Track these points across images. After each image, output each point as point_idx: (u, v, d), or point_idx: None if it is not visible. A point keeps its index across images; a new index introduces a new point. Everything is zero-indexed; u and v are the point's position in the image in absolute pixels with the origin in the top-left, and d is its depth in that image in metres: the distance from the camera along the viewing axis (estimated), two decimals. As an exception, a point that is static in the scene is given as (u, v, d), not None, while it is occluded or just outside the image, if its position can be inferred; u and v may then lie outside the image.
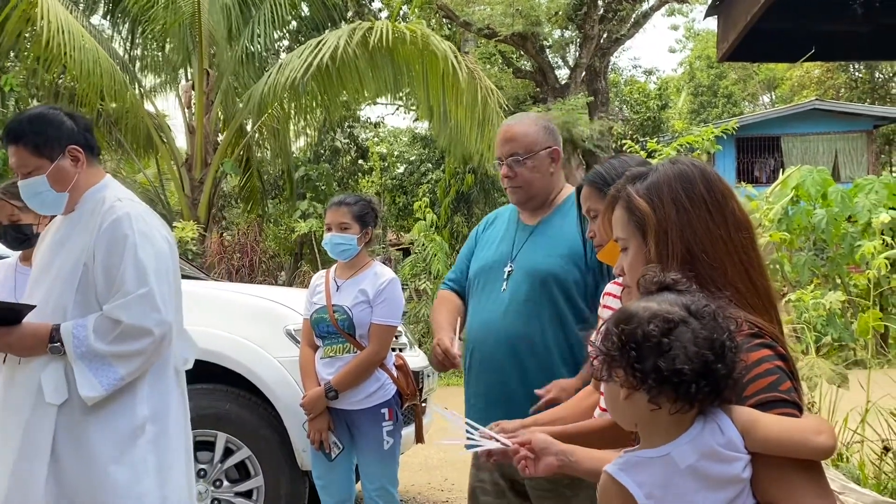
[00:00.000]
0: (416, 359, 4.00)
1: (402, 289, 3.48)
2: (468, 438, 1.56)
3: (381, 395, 3.09)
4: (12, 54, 10.99)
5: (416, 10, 13.90)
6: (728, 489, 1.13)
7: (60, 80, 10.54)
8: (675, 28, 24.59)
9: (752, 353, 1.20)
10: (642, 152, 8.23)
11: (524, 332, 2.24)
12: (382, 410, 3.07)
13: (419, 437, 3.44)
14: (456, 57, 8.75)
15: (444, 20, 13.56)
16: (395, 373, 3.16)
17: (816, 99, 19.77)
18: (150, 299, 2.16)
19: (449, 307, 2.48)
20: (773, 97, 28.98)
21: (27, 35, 8.62)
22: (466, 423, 1.56)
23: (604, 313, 1.91)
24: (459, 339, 2.38)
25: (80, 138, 2.30)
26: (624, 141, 8.68)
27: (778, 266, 6.03)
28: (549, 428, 1.58)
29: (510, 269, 2.33)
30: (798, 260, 6.26)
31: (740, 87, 27.44)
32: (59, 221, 2.35)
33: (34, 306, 2.17)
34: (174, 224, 10.15)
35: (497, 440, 1.47)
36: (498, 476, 2.26)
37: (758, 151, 18.70)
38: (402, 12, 15.80)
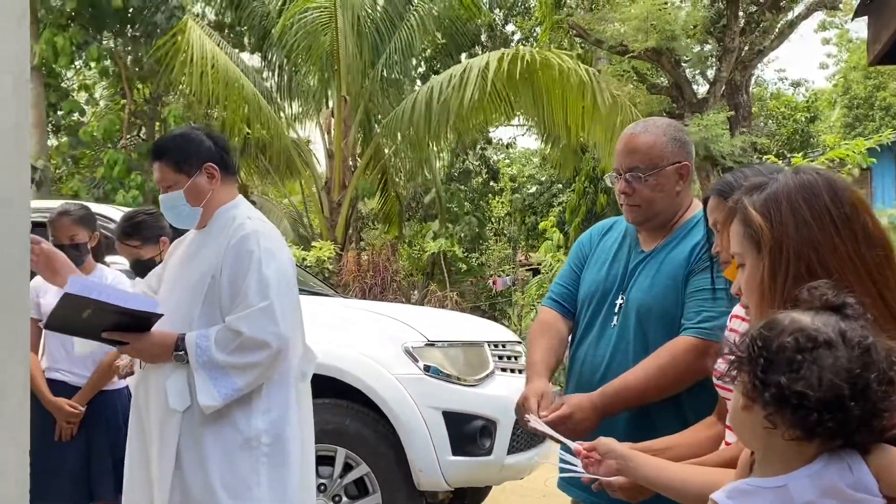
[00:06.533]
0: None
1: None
2: (561, 461, 1.54)
3: None
4: (172, 93, 11.93)
5: (548, 31, 13.87)
6: None
7: (214, 112, 11.35)
8: (827, 42, 22.91)
9: None
10: (787, 169, 7.73)
11: None
12: None
13: None
14: (598, 82, 8.82)
15: (575, 39, 13.43)
16: None
17: None
18: (269, 313, 2.21)
19: (549, 339, 2.20)
20: (943, 107, 26.42)
21: (186, 72, 9.39)
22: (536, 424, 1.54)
23: (729, 336, 1.77)
24: (556, 386, 2.12)
25: (217, 157, 2.43)
26: (767, 156, 8.21)
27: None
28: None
29: (622, 301, 2.09)
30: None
31: (902, 97, 25.22)
32: (191, 236, 2.48)
33: (162, 315, 2.28)
34: (313, 244, 10.61)
35: (563, 441, 1.50)
36: None
37: (924, 167, 17.09)
38: (533, 33, 15.84)
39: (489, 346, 3.86)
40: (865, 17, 3.48)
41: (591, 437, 1.62)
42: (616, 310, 2.10)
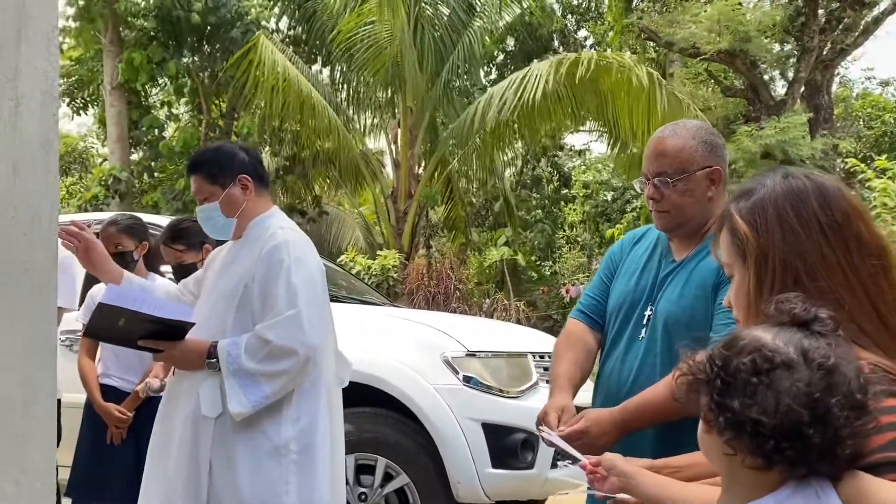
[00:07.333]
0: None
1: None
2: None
3: None
4: (247, 108, 12.33)
5: (618, 35, 13.66)
6: None
7: (286, 126, 11.65)
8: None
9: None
10: (871, 172, 7.33)
11: None
12: None
13: None
14: (660, 84, 8.63)
15: (647, 42, 13.16)
16: None
17: None
18: (297, 321, 2.24)
19: (575, 352, 2.13)
20: None
21: (259, 87, 9.68)
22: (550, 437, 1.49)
23: None
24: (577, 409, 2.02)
25: (250, 169, 2.49)
26: (848, 159, 7.81)
27: None
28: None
29: (650, 313, 2.02)
30: None
31: None
32: (228, 246, 2.55)
33: (194, 323, 2.35)
34: (378, 253, 10.74)
35: (575, 456, 1.45)
36: None
37: None
38: (606, 38, 15.63)
39: (533, 356, 3.80)
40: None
41: (616, 452, 1.57)
42: (644, 321, 2.02)
